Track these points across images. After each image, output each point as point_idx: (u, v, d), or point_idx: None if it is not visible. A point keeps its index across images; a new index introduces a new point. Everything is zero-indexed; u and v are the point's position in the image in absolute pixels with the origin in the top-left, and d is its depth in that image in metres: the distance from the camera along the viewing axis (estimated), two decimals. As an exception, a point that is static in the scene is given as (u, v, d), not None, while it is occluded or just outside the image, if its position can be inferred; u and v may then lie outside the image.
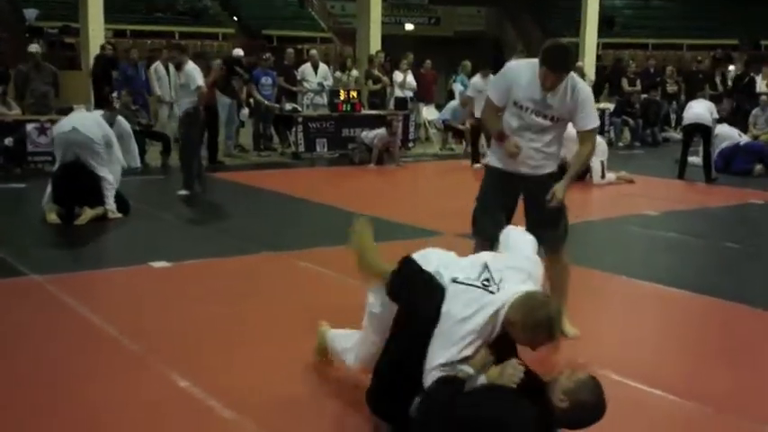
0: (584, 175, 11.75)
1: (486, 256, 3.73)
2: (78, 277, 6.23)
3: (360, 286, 4.08)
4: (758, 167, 12.88)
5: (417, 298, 3.52)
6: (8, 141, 12.10)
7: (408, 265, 3.67)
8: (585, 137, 4.91)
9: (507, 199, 4.98)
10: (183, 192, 10.14)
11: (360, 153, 13.78)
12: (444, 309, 3.39)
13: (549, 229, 4.84)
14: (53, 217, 8.20)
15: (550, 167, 4.93)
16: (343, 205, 9.46)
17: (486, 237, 4.95)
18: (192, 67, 10.01)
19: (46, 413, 3.80)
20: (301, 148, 14.61)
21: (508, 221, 4.92)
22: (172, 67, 10.94)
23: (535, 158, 4.84)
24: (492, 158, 5.06)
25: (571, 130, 4.98)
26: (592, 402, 3.27)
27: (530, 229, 4.79)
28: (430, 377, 3.34)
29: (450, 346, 3.34)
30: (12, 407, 3.86)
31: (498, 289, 3.44)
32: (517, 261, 3.65)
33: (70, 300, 5.52)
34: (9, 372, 4.32)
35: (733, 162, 12.97)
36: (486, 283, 3.45)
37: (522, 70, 4.82)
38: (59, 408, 3.85)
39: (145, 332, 4.91)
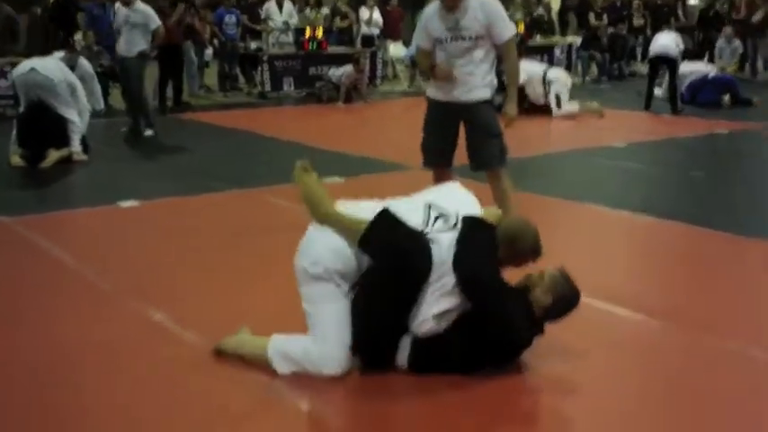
0: (546, 107, 11.81)
1: (423, 197, 3.73)
2: (47, 218, 6.20)
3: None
4: (726, 98, 12.96)
5: (409, 251, 3.41)
6: (-31, 85, 11.91)
7: (388, 218, 3.53)
8: (506, 48, 5.29)
9: (448, 128, 5.36)
10: (148, 132, 10.06)
11: (327, 91, 13.70)
12: (436, 259, 3.38)
13: (484, 150, 5.28)
14: (17, 160, 8.12)
15: (483, 93, 5.24)
16: (311, 143, 9.44)
17: (435, 166, 5.31)
18: (144, 5, 9.86)
19: (20, 351, 3.80)
20: (268, 88, 14.50)
21: (452, 149, 5.39)
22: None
23: (468, 83, 5.19)
24: (430, 90, 5.45)
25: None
26: (570, 292, 3.56)
27: (469, 152, 5.38)
28: (425, 326, 3.39)
29: (447, 295, 3.38)
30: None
31: (456, 222, 3.55)
32: (451, 191, 3.84)
33: (40, 240, 5.49)
34: (-19, 310, 4.32)
35: (699, 94, 13.03)
36: (450, 222, 3.55)
37: (430, 9, 5.28)
38: (33, 345, 3.86)
39: (117, 269, 4.91)
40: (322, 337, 3.43)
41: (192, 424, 3.13)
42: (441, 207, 3.63)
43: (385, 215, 3.52)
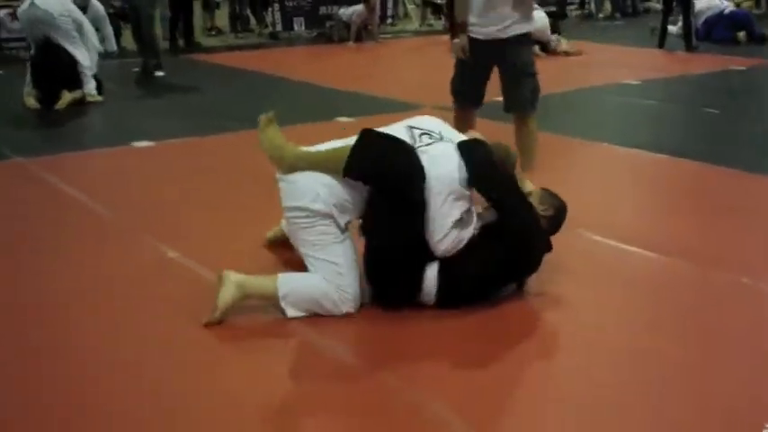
0: (544, 49, 11.68)
1: (401, 123, 3.70)
2: (62, 158, 6.24)
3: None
4: (741, 35, 12.82)
5: (405, 163, 3.37)
6: (-20, 28, 11.91)
7: (371, 136, 3.50)
8: None
9: (482, 67, 5.19)
10: (159, 72, 10.06)
11: (338, 31, 13.62)
12: (433, 172, 3.36)
13: (516, 91, 5.14)
14: (32, 101, 8.14)
15: (521, 27, 5.07)
16: (323, 82, 9.43)
17: (466, 105, 5.17)
18: None
19: (40, 280, 3.88)
20: (278, 28, 14.43)
21: (484, 90, 5.26)
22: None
23: (505, 16, 4.99)
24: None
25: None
26: (562, 203, 3.74)
27: (503, 92, 5.24)
28: (448, 240, 3.38)
29: (458, 200, 3.40)
30: (5, 275, 3.93)
31: (443, 137, 3.60)
32: (430, 119, 3.79)
33: (56, 180, 5.54)
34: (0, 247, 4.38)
35: (714, 30, 12.89)
36: (435, 136, 3.57)
37: None
38: (51, 275, 3.93)
39: (133, 208, 4.96)
40: (336, 276, 3.40)
41: (210, 352, 3.20)
42: (422, 128, 3.63)
43: (367, 134, 3.50)
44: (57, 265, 4.13)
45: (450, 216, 3.37)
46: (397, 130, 3.61)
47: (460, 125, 5.05)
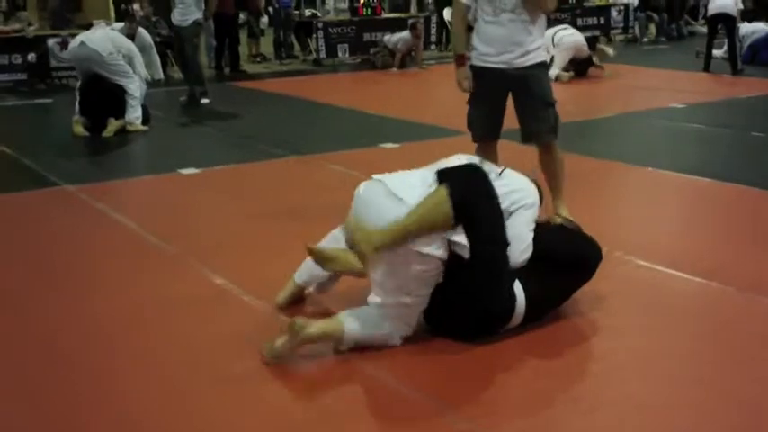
0: (586, 68, 11.69)
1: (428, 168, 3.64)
2: (110, 186, 6.35)
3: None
4: (787, 57, 12.69)
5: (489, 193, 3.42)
6: (31, 57, 12.19)
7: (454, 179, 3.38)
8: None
9: (497, 99, 4.90)
10: (205, 100, 10.19)
11: (382, 57, 13.71)
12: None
13: (537, 123, 4.86)
14: (80, 129, 8.29)
15: (538, 55, 4.81)
16: (367, 108, 9.49)
17: (485, 138, 5.02)
18: None
19: (96, 312, 3.93)
20: (322, 55, 14.55)
21: (501, 121, 4.99)
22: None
23: (520, 43, 4.70)
24: (475, 57, 4.91)
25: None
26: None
27: (521, 123, 4.94)
28: (527, 252, 3.47)
29: (530, 221, 3.54)
30: (54, 307, 4.00)
31: None
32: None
33: (104, 207, 5.63)
34: (50, 276, 4.45)
35: (760, 53, 12.78)
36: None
37: None
38: (101, 307, 3.98)
39: (179, 235, 5.02)
40: (405, 316, 3.38)
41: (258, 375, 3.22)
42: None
43: (449, 180, 3.35)
44: (105, 291, 4.19)
45: (530, 226, 3.50)
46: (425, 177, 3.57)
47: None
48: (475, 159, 3.77)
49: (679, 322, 3.72)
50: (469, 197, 3.28)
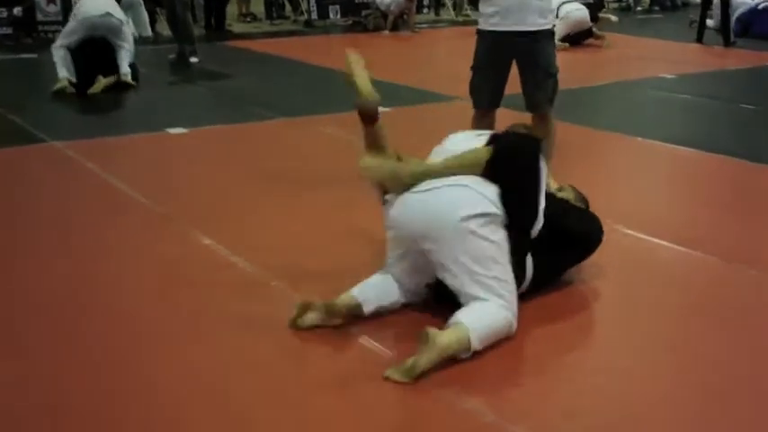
0: (584, 38, 11.65)
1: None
2: (97, 143, 6.30)
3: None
4: (778, 29, 12.67)
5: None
6: (17, 11, 12.04)
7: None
8: None
9: (502, 65, 4.93)
10: (194, 59, 10.11)
11: (374, 19, 13.62)
12: None
13: (538, 93, 4.90)
14: (66, 84, 8.20)
15: (544, 21, 4.81)
16: (357, 71, 9.42)
17: (485, 106, 5.01)
18: None
19: (73, 271, 3.93)
20: (314, 16, 14.44)
21: (503, 90, 5.00)
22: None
23: (526, 7, 4.71)
24: (483, 21, 4.93)
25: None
26: (586, 201, 3.87)
27: (524, 92, 4.93)
28: (538, 226, 3.37)
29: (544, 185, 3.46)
30: (36, 264, 3.99)
31: None
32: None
33: (91, 164, 5.60)
34: (33, 232, 4.44)
35: (753, 26, 12.75)
36: None
37: None
38: (86, 265, 3.98)
39: (167, 195, 5.00)
40: (510, 296, 3.17)
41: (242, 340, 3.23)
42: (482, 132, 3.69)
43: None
44: (91, 249, 4.18)
45: (543, 193, 3.40)
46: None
47: (480, 127, 4.97)
48: (469, 137, 3.64)
49: (662, 291, 3.75)
50: (513, 160, 3.26)
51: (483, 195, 3.15)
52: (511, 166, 3.24)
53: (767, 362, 3.13)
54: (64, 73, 8.15)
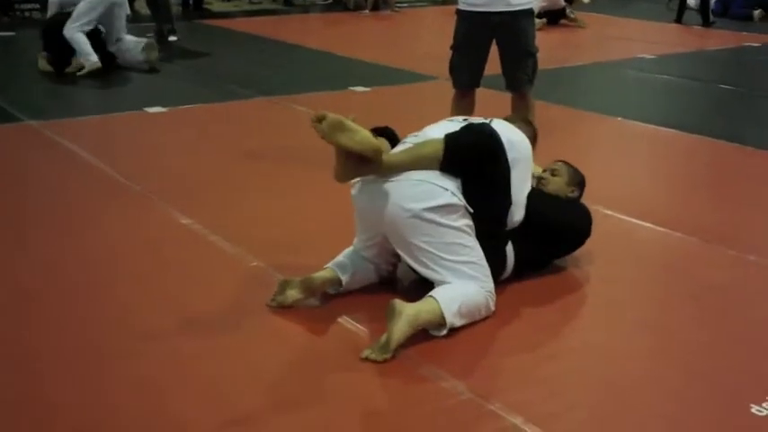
0: (559, 18, 11.64)
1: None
2: (74, 123, 6.24)
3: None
4: (758, 12, 12.71)
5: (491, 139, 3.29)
6: (-7, -11, 11.87)
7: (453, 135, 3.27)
8: None
9: (481, 45, 4.93)
10: (173, 38, 10.03)
11: (354, -1, 13.55)
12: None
13: (518, 72, 4.92)
14: (45, 64, 8.12)
15: (523, 2, 4.81)
16: (338, 51, 9.40)
17: (464, 87, 5.01)
18: None
19: (68, 249, 3.90)
20: (293, -6, 14.34)
21: (483, 69, 5.00)
22: None
23: None
24: (462, 1, 4.92)
25: None
26: (578, 172, 3.85)
27: (503, 72, 4.92)
28: (519, 213, 3.38)
29: (527, 174, 3.48)
30: (14, 245, 3.96)
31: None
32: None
33: (68, 144, 5.55)
34: (14, 210, 4.40)
35: (731, 6, 12.80)
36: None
37: None
38: (64, 245, 3.95)
39: (145, 174, 4.96)
40: (484, 278, 3.18)
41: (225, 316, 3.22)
42: (467, 117, 3.64)
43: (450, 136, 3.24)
44: (69, 229, 4.15)
45: (523, 183, 3.40)
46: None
47: (459, 107, 4.98)
48: (449, 124, 3.53)
49: (642, 271, 3.77)
50: (468, 148, 3.19)
51: (443, 188, 3.13)
52: (467, 159, 3.19)
53: (745, 340, 3.15)
54: (94, 57, 7.95)
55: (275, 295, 3.28)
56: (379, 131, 3.39)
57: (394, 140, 3.42)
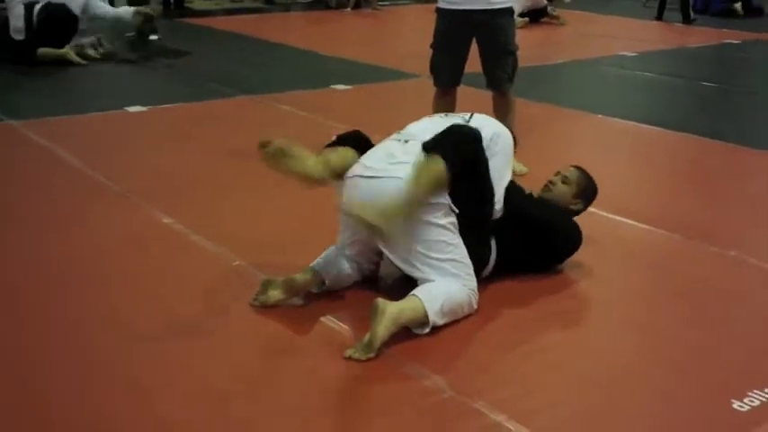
0: (541, 16, 11.67)
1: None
2: (54, 122, 6.19)
3: (339, 128, 4.04)
4: (738, 6, 12.79)
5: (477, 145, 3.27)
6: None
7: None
8: None
9: (461, 43, 4.93)
10: (154, 36, 9.97)
11: (336, -3, 13.52)
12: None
13: (497, 70, 4.91)
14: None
15: (502, 1, 4.80)
16: (319, 49, 9.38)
17: (445, 86, 5.01)
18: None
19: (51, 249, 3.87)
20: (275, -7, 14.29)
21: (463, 67, 4.99)
22: None
23: None
24: (442, 0, 4.91)
25: None
26: (591, 185, 3.81)
27: (484, 70, 4.95)
28: (498, 205, 3.39)
29: (508, 165, 3.49)
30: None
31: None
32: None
33: (48, 143, 5.51)
34: (-8, 212, 4.37)
35: (712, 3, 12.86)
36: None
37: None
38: (44, 244, 3.92)
39: (126, 174, 4.92)
40: (467, 276, 3.18)
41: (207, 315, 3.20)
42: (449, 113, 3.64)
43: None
44: (51, 227, 4.12)
45: (502, 175, 3.41)
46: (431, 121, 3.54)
47: (440, 105, 4.97)
48: (431, 121, 3.59)
49: (625, 268, 3.78)
50: (464, 164, 3.16)
51: None
52: (466, 169, 3.18)
53: (726, 336, 3.17)
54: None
55: (257, 295, 3.27)
56: (345, 138, 3.41)
57: (363, 144, 3.41)
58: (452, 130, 3.27)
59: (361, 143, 3.41)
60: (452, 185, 3.13)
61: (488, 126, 3.45)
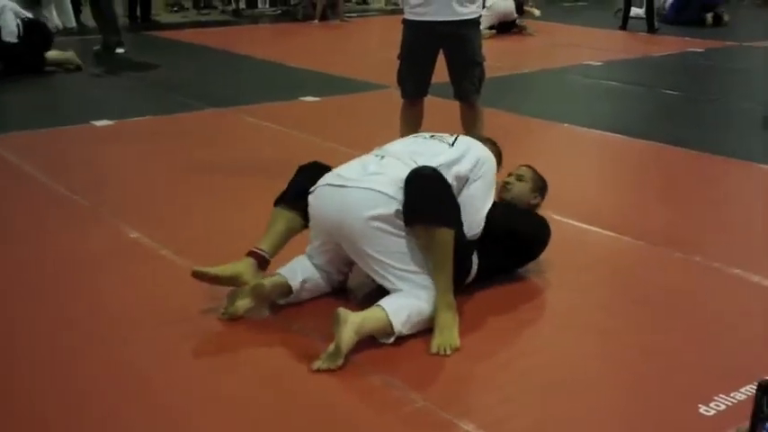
0: (510, 28, 11.77)
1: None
2: (18, 137, 6.14)
3: (309, 139, 4.04)
4: (709, 16, 12.92)
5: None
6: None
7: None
8: None
9: (428, 54, 4.92)
10: (120, 50, 9.93)
11: (303, 9, 13.54)
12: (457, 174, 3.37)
13: (465, 81, 4.92)
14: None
15: (471, 10, 4.80)
16: (287, 61, 9.39)
17: (412, 97, 5.02)
18: None
19: (7, 265, 3.83)
20: (242, 5, 14.31)
21: (430, 78, 4.98)
22: None
23: None
24: (407, 11, 4.90)
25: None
26: (542, 178, 3.94)
27: (451, 81, 4.97)
28: (479, 227, 3.40)
29: (490, 190, 3.51)
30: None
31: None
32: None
33: (13, 158, 5.47)
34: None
35: (683, 12, 12.96)
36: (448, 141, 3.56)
37: None
38: (8, 260, 3.89)
39: (92, 188, 4.90)
40: (428, 289, 3.17)
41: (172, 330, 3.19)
42: (435, 134, 3.64)
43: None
44: (15, 245, 4.08)
45: (484, 198, 3.44)
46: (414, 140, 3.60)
47: (408, 116, 5.00)
48: (413, 141, 3.64)
49: (590, 275, 3.81)
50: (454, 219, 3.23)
51: (392, 197, 3.16)
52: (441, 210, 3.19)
53: (692, 341, 3.20)
54: None
55: (226, 307, 3.27)
56: (304, 170, 3.51)
57: (317, 172, 3.43)
58: (424, 188, 3.18)
59: (315, 181, 3.40)
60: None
61: (472, 151, 3.47)
